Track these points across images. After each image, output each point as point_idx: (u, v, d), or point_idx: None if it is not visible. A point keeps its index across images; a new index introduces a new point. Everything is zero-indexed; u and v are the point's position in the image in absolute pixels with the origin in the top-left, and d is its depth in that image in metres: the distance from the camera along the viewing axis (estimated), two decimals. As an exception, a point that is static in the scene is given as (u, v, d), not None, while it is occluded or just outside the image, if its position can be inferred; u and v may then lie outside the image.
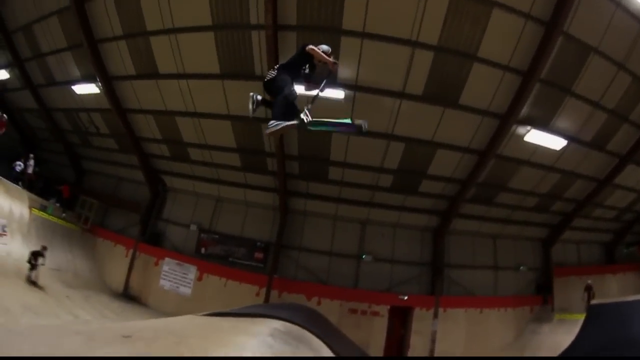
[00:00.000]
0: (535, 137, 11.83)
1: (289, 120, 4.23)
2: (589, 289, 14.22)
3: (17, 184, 13.51)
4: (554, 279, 15.82)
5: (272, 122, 4.21)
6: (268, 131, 4.25)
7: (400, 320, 13.92)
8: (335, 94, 10.37)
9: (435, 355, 13.77)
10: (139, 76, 12.07)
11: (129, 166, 15.79)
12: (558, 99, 10.86)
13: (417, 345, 13.73)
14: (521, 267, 15.76)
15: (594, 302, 11.38)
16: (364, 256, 14.11)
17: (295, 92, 4.31)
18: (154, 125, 13.56)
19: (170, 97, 12.23)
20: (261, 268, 14.11)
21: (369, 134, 10.82)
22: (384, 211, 13.97)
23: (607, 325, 9.52)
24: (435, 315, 13.79)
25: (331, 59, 4.44)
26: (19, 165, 14.55)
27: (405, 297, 13.64)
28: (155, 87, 12.13)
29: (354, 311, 13.51)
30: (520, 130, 11.64)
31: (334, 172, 13.00)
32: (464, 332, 14.07)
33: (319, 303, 13.26)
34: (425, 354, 13.72)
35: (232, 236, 14.61)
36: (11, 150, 15.45)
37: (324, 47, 4.58)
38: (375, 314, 13.56)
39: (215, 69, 10.96)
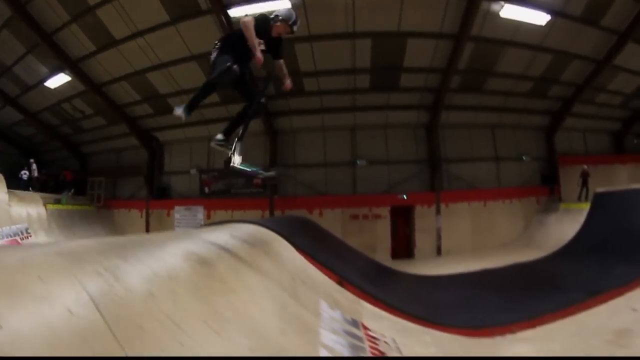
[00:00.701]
0: (513, 12, 11.33)
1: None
2: (584, 174, 13.95)
3: (29, 190, 14.73)
4: (559, 168, 15.52)
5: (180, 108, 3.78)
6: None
7: (404, 220, 14.06)
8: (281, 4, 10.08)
9: (442, 250, 13.86)
10: (99, 49, 12.68)
11: (122, 135, 16.69)
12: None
13: (422, 243, 13.85)
14: (524, 157, 15.51)
15: (600, 190, 11.17)
16: (358, 161, 14.30)
17: (225, 74, 3.47)
18: (129, 89, 14.33)
19: (134, 57, 12.82)
20: (262, 193, 14.63)
21: (331, 36, 11.49)
22: (370, 113, 14.08)
23: (613, 214, 9.49)
24: (438, 212, 13.83)
25: (260, 49, 3.49)
26: (24, 174, 15.85)
27: (405, 196, 13.74)
28: (118, 53, 12.73)
29: (355, 217, 13.76)
30: (494, 6, 11.27)
31: (309, 84, 13.20)
32: (469, 226, 14.06)
33: (320, 214, 13.60)
34: (432, 251, 13.77)
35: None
36: (13, 166, 16.39)
37: (283, 12, 3.68)
38: (377, 216, 13.75)
39: (164, 17, 11.42)
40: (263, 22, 3.56)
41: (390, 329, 4.57)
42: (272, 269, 3.61)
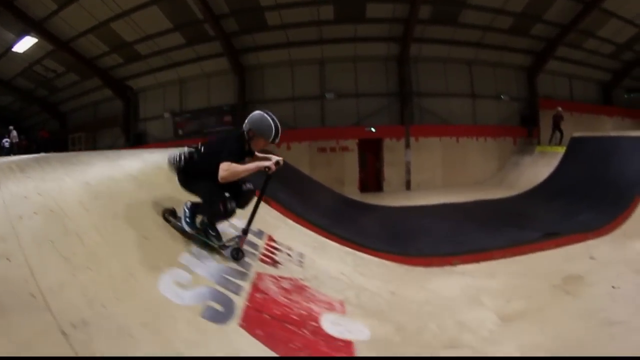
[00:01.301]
0: None
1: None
2: (557, 117, 13.51)
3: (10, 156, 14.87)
4: (540, 111, 15.10)
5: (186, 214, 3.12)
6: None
7: (373, 154, 13.81)
8: None
9: (412, 184, 13.61)
10: (60, 6, 12.74)
11: (97, 89, 16.80)
12: None
13: (391, 177, 13.63)
14: (502, 96, 15.10)
15: (577, 134, 11.11)
16: (326, 95, 14.07)
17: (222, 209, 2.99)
18: (96, 41, 14.39)
19: (96, 9, 12.84)
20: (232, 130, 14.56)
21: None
22: (337, 46, 13.80)
23: (587, 160, 9.43)
24: (407, 145, 13.53)
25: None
26: (6, 142, 15.97)
27: (374, 129, 13.49)
28: (80, 7, 12.72)
29: (323, 150, 13.57)
30: None
31: (271, 18, 13.07)
32: (440, 161, 13.82)
33: (288, 148, 13.38)
34: (401, 185, 13.50)
35: (201, 109, 15.25)
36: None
37: (258, 127, 3.00)
38: (345, 149, 13.54)
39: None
40: (241, 151, 3.01)
41: (306, 245, 4.60)
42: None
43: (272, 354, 2.16)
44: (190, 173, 3.05)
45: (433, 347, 2.97)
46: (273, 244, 4.12)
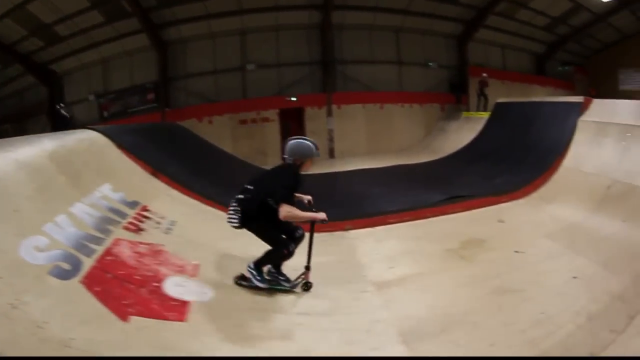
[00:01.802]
0: None
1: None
2: (482, 83, 13.58)
3: None
4: (470, 78, 15.08)
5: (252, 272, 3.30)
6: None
7: (296, 123, 13.55)
8: None
9: (336, 152, 13.48)
10: None
11: (20, 76, 16.13)
12: None
13: None
14: (430, 64, 15.18)
15: (500, 100, 11.27)
16: (247, 66, 13.84)
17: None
18: (14, 25, 13.83)
19: None
20: (155, 107, 14.15)
21: None
22: (258, 15, 13.53)
23: (510, 124, 9.49)
24: (329, 113, 13.40)
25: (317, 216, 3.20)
26: None
27: (295, 98, 13.33)
28: None
29: (243, 122, 13.30)
30: None
31: None
32: (364, 128, 13.70)
33: (210, 122, 13.19)
34: (325, 153, 13.37)
35: (124, 89, 14.84)
36: None
37: (303, 151, 3.25)
38: (266, 119, 13.33)
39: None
40: (296, 183, 3.24)
41: (183, 214, 4.74)
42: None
43: (104, 308, 2.42)
44: (247, 214, 3.16)
45: (286, 313, 3.04)
46: (145, 213, 4.27)
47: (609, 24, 18.34)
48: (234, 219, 3.19)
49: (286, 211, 2.94)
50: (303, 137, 3.39)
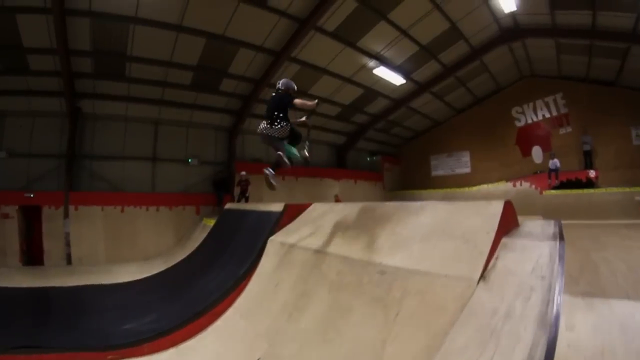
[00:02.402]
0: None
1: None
2: (241, 182, 13.98)
3: None
4: (236, 175, 15.07)
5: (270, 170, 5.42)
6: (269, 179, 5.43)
7: (39, 222, 12.90)
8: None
9: (73, 259, 13.21)
10: None
11: None
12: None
13: (52, 249, 12.85)
14: (190, 160, 15.03)
15: (228, 206, 11.57)
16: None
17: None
18: None
19: None
20: None
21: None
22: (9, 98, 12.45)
23: (223, 235, 9.53)
24: (66, 215, 12.95)
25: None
26: None
27: (32, 195, 12.72)
28: None
29: None
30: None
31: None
32: (102, 233, 13.25)
33: None
34: (62, 258, 12.78)
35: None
36: None
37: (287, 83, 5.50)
38: (5, 215, 12.48)
39: None
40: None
41: None
42: None
43: None
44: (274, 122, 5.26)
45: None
46: None
47: (414, 110, 18.97)
48: (269, 129, 5.26)
49: (301, 101, 5.18)
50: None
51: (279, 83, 5.46)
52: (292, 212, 7.46)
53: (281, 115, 5.21)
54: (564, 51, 14.77)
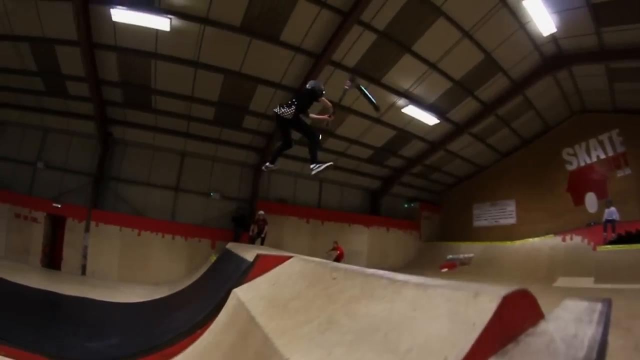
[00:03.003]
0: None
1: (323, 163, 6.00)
2: (258, 221, 13.54)
3: None
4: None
5: (314, 165, 5.92)
6: (315, 172, 5.99)
7: (62, 230, 13.95)
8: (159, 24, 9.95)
9: (87, 270, 14.07)
10: None
11: None
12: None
13: (70, 258, 13.73)
14: (212, 194, 15.13)
15: (228, 246, 11.68)
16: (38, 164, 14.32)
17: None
18: None
19: None
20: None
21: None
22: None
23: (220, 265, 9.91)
24: (87, 229, 13.79)
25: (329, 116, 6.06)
26: None
27: (59, 205, 13.71)
28: None
29: (18, 216, 13.74)
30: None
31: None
32: (118, 252, 13.82)
33: None
34: (77, 268, 13.90)
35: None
36: None
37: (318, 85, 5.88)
38: (34, 220, 13.69)
39: None
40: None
41: None
42: None
43: None
44: (298, 111, 5.65)
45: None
46: None
47: (454, 154, 17.46)
48: (287, 112, 5.56)
49: (326, 100, 5.63)
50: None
51: (308, 84, 5.88)
52: (265, 264, 6.80)
53: (297, 103, 5.60)
54: (617, 78, 12.60)
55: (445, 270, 16.35)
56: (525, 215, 17.67)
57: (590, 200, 15.58)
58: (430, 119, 14.46)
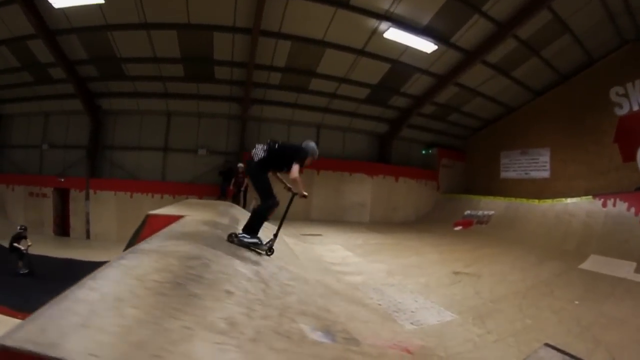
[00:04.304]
0: None
1: (255, 240, 4.58)
2: (237, 174, 12.88)
3: None
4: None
5: (243, 235, 4.50)
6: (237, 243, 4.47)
7: (68, 201, 15.20)
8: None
9: (91, 234, 14.92)
10: None
11: None
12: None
13: (76, 225, 15.00)
14: (199, 150, 14.78)
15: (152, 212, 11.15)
16: (43, 145, 15.65)
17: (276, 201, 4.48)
18: None
19: None
20: None
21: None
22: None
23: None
24: (87, 197, 14.68)
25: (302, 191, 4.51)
26: None
27: (62, 179, 14.80)
28: None
29: (32, 194, 15.42)
30: None
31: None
32: (115, 215, 14.50)
33: (12, 190, 15.56)
34: (83, 234, 14.84)
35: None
36: None
37: (312, 150, 4.60)
38: (44, 195, 15.14)
39: None
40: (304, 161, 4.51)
41: None
42: None
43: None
44: (266, 163, 4.46)
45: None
46: None
47: (472, 90, 15.02)
48: (259, 154, 4.44)
49: (297, 169, 4.23)
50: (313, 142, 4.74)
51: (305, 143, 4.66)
52: (155, 224, 6.21)
53: (272, 162, 4.50)
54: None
55: (459, 228, 14.37)
56: (561, 169, 14.65)
57: (646, 157, 12.10)
58: (426, 46, 12.21)
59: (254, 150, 4.54)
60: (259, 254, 4.52)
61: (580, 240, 10.18)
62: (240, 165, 13.04)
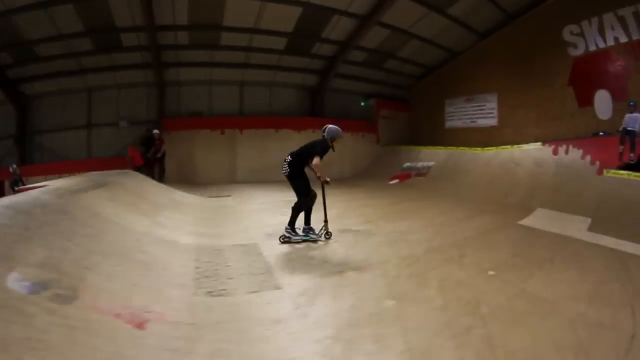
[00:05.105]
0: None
1: (302, 235, 5.40)
2: (150, 139, 12.85)
3: None
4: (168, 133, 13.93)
5: (289, 231, 5.30)
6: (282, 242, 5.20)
7: (3, 194, 15.37)
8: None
9: None
10: None
11: None
12: None
13: None
14: (120, 122, 14.60)
15: None
16: None
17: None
18: None
19: None
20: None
21: None
22: None
23: None
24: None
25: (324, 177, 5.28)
26: None
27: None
28: None
29: None
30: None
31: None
32: None
33: None
34: None
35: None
36: None
37: (331, 131, 5.38)
38: None
39: None
40: (326, 150, 5.33)
41: None
42: None
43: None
44: (296, 166, 5.24)
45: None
46: None
47: (405, 32, 14.26)
48: (286, 170, 5.25)
49: (317, 160, 5.07)
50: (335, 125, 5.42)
51: (324, 129, 5.47)
52: None
53: (298, 161, 5.33)
54: None
55: (395, 182, 13.57)
56: (510, 115, 13.80)
57: (602, 101, 11.29)
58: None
59: (284, 161, 5.33)
60: (316, 242, 5.34)
61: (526, 192, 9.18)
62: (156, 131, 12.88)
